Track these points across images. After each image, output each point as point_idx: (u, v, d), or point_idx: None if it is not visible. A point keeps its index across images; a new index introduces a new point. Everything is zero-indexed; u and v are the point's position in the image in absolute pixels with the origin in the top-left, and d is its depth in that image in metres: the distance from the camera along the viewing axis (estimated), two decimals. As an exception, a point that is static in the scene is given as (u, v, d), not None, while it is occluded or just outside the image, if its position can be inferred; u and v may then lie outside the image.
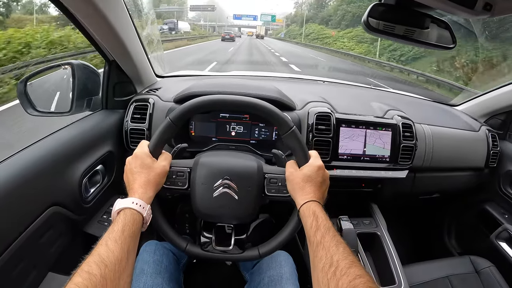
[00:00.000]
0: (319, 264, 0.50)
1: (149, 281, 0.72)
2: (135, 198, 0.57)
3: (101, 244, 0.48)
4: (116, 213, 0.55)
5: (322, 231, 0.54)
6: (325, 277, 0.47)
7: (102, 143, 0.88)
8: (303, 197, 0.62)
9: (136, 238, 0.54)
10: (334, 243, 0.51)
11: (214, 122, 0.90)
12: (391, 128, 0.96)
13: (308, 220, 0.57)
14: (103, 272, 0.43)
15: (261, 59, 13.28)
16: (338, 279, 0.45)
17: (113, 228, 0.51)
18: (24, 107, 0.88)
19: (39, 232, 0.67)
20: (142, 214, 0.56)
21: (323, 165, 0.66)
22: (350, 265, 0.47)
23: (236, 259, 0.72)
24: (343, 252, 0.50)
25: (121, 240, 0.49)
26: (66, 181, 0.75)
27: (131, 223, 0.53)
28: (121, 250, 0.48)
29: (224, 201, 0.68)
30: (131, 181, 0.62)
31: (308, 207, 0.60)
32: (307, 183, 0.63)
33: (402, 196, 1.11)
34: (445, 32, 0.73)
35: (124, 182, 0.65)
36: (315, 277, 0.51)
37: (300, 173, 0.65)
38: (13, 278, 0.61)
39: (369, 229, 1.00)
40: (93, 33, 0.80)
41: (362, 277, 0.45)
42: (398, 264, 0.92)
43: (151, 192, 0.61)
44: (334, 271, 0.46)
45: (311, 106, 0.95)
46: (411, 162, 0.98)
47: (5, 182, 0.59)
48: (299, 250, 1.04)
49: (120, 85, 0.97)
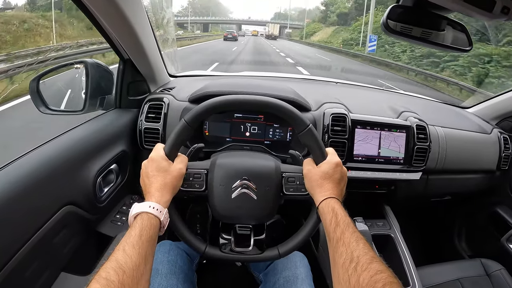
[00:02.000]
0: (339, 260, 0.49)
1: (163, 282, 0.72)
2: (152, 202, 0.56)
3: (119, 249, 0.47)
4: (133, 218, 0.54)
5: (342, 227, 0.54)
6: (346, 273, 0.46)
7: (116, 142, 0.87)
8: (321, 194, 0.61)
9: (154, 243, 0.53)
10: (354, 239, 0.51)
11: (229, 122, 0.90)
12: (406, 130, 0.95)
13: (327, 217, 0.57)
14: (121, 278, 0.43)
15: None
16: (359, 275, 0.45)
17: (130, 233, 0.50)
18: (36, 106, 0.87)
19: (53, 231, 0.66)
20: (159, 218, 0.55)
21: (340, 162, 0.66)
22: (371, 261, 0.46)
23: (256, 260, 0.72)
24: (363, 247, 0.49)
25: (138, 245, 0.48)
26: (80, 180, 0.75)
27: (148, 227, 0.52)
28: (138, 255, 0.47)
29: (243, 201, 0.67)
30: (148, 185, 0.61)
31: (327, 203, 0.59)
32: (325, 180, 0.63)
33: (414, 198, 1.11)
34: (461, 35, 0.73)
35: (139, 184, 0.64)
36: (335, 273, 0.50)
37: (318, 170, 0.64)
38: (26, 278, 0.60)
39: (382, 230, 0.99)
40: (110, 31, 0.80)
41: (383, 272, 0.44)
42: (412, 266, 0.91)
43: (168, 196, 0.60)
44: (354, 266, 0.46)
45: (326, 107, 0.95)
46: (425, 164, 0.98)
47: (18, 181, 0.59)
48: (313, 252, 1.04)
49: (134, 84, 0.97)
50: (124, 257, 0.46)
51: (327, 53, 18.65)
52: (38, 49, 6.46)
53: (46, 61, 1.24)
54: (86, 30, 10.14)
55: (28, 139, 2.18)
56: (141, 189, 0.63)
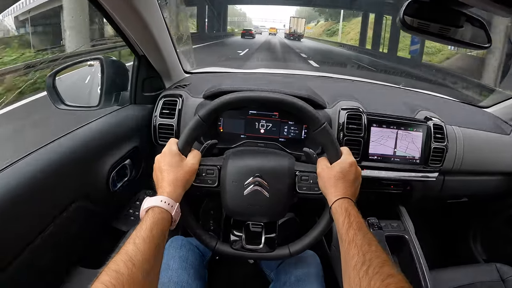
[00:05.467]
0: (351, 262, 0.49)
1: (174, 277, 0.72)
2: (163, 197, 0.57)
3: (129, 242, 0.48)
4: (144, 211, 0.55)
5: (355, 229, 0.53)
6: (357, 275, 0.46)
7: (130, 137, 0.88)
8: (335, 194, 0.61)
9: (164, 237, 0.53)
10: (366, 241, 0.51)
11: (243, 119, 0.89)
12: (422, 129, 0.93)
13: (340, 218, 0.56)
14: (131, 271, 0.43)
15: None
16: (370, 278, 0.44)
17: (141, 227, 0.51)
18: (52, 101, 0.89)
19: (66, 225, 0.67)
20: (170, 213, 0.55)
21: (355, 162, 0.65)
22: (382, 264, 0.46)
23: (266, 258, 0.72)
24: (376, 250, 0.49)
25: (149, 238, 0.49)
26: (94, 174, 0.76)
27: (160, 221, 0.53)
28: (149, 249, 0.47)
29: (255, 199, 0.67)
30: (160, 179, 0.61)
31: (340, 204, 0.59)
32: (339, 180, 0.62)
33: (430, 199, 1.08)
34: (480, 31, 0.70)
35: (152, 179, 0.65)
36: (346, 275, 0.50)
37: (332, 170, 0.64)
38: (40, 271, 0.61)
39: (397, 232, 0.97)
40: (124, 27, 0.80)
41: (394, 277, 0.44)
42: (426, 269, 0.89)
43: (180, 190, 0.60)
44: (366, 269, 0.46)
45: (341, 104, 0.93)
46: (442, 164, 0.95)
47: (33, 174, 0.59)
48: (325, 251, 1.03)
49: (149, 80, 0.97)
50: (134, 250, 0.46)
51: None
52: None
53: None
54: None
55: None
56: (154, 183, 0.64)
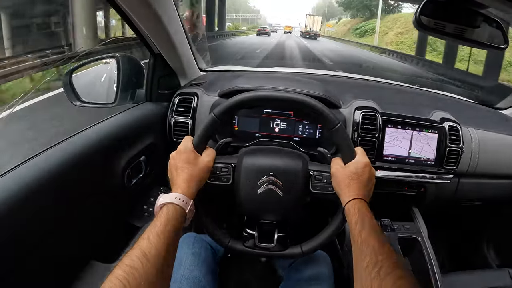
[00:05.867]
0: (362, 263, 0.49)
1: (186, 273, 0.73)
2: (178, 194, 0.57)
3: (143, 238, 0.48)
4: (159, 208, 0.56)
5: (367, 230, 0.53)
6: (368, 276, 0.46)
7: (146, 134, 0.89)
8: (348, 195, 0.61)
9: (178, 233, 0.54)
10: (379, 242, 0.51)
11: (258, 118, 0.90)
12: (438, 131, 0.92)
13: (353, 218, 0.56)
14: (145, 266, 0.44)
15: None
16: (381, 279, 0.44)
17: (155, 223, 0.51)
18: (69, 98, 0.90)
19: (82, 220, 0.68)
20: (184, 210, 0.56)
21: (369, 162, 0.65)
22: (394, 266, 0.46)
23: (278, 257, 0.72)
24: (388, 251, 0.49)
25: (163, 234, 0.49)
26: (109, 170, 0.77)
27: (174, 218, 0.53)
28: (163, 244, 0.48)
29: (268, 197, 0.68)
30: (175, 176, 0.62)
31: (353, 204, 0.59)
32: (353, 180, 0.62)
33: (443, 202, 1.07)
34: (497, 32, 0.69)
35: (167, 176, 0.66)
36: (357, 276, 0.50)
37: (346, 170, 0.64)
38: (55, 264, 0.62)
39: (409, 234, 0.96)
40: (140, 25, 0.81)
41: (406, 279, 0.44)
42: (438, 273, 0.88)
43: (194, 188, 0.61)
44: (378, 271, 0.46)
45: (356, 104, 0.93)
46: (456, 166, 0.94)
47: (50, 169, 0.60)
48: (337, 251, 1.03)
49: (164, 78, 0.98)
50: (148, 246, 0.47)
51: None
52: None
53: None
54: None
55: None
56: (169, 180, 0.64)
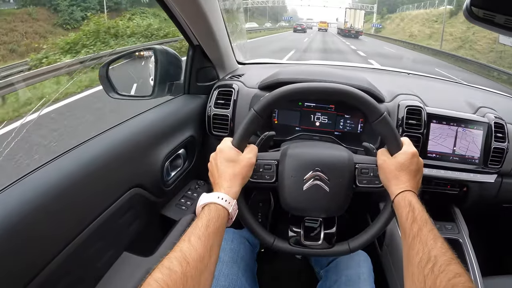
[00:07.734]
0: (414, 258, 0.46)
1: (225, 269, 0.71)
2: (220, 193, 0.54)
3: (184, 240, 0.46)
4: (200, 208, 0.53)
5: (419, 223, 0.50)
6: (421, 273, 0.43)
7: (184, 127, 0.89)
8: (397, 187, 0.57)
9: (221, 234, 0.51)
10: (431, 236, 0.47)
11: (298, 111, 0.86)
12: (483, 128, 0.87)
13: (404, 211, 0.53)
14: (185, 269, 0.42)
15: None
16: (436, 276, 0.42)
17: (197, 224, 0.49)
18: (106, 91, 0.90)
19: (119, 212, 0.68)
20: (227, 210, 0.53)
21: (417, 152, 0.61)
22: (449, 262, 0.43)
23: (325, 254, 0.70)
24: (442, 247, 0.46)
25: (204, 236, 0.47)
26: (148, 163, 0.76)
27: (216, 218, 0.50)
28: (204, 247, 0.46)
29: (314, 193, 0.64)
30: (217, 176, 0.59)
31: (403, 197, 0.55)
32: (401, 172, 0.58)
33: (485, 202, 1.01)
34: None
35: (205, 170, 0.63)
36: (409, 273, 0.46)
37: (393, 161, 0.60)
38: (90, 255, 0.62)
39: (450, 234, 0.92)
40: (182, 17, 0.80)
41: (462, 276, 0.41)
42: (479, 275, 0.84)
43: (237, 186, 0.58)
44: (431, 267, 0.43)
45: (400, 98, 0.88)
46: (501, 166, 0.89)
47: (88, 162, 0.60)
48: (376, 251, 1.00)
49: (203, 70, 0.97)
50: (189, 248, 0.45)
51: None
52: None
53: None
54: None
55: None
56: (208, 175, 0.62)
